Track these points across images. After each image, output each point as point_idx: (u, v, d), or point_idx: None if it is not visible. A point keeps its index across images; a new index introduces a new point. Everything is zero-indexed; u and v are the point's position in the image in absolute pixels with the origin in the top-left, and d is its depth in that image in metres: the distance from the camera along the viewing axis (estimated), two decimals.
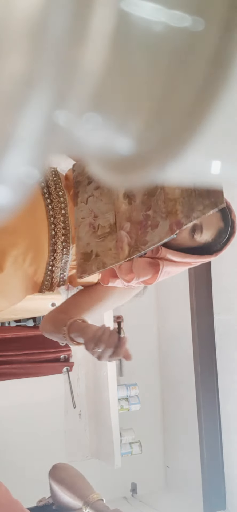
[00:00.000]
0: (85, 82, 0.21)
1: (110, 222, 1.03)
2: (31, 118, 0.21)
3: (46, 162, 0.24)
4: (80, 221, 1.09)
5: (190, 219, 0.88)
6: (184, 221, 0.89)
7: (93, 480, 3.07)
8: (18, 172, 0.23)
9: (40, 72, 0.20)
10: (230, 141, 0.25)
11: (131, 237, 0.98)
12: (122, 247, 0.99)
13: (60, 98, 0.21)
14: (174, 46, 0.21)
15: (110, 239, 1.02)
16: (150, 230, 0.95)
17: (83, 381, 3.08)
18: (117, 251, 0.99)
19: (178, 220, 0.90)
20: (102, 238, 1.04)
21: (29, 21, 0.18)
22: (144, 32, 0.21)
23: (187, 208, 0.88)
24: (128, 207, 1.00)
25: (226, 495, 2.74)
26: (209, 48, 0.21)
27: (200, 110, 0.22)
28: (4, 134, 0.21)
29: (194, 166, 0.26)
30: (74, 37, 0.19)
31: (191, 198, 0.88)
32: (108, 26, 0.20)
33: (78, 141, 0.25)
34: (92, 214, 1.08)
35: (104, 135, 0.25)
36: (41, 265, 1.14)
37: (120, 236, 0.99)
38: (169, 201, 0.92)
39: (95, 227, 1.06)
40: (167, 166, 0.24)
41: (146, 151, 0.25)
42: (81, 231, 1.09)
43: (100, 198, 1.07)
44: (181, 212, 0.89)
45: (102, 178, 0.29)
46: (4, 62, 0.19)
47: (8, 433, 2.89)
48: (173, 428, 3.27)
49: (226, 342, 2.70)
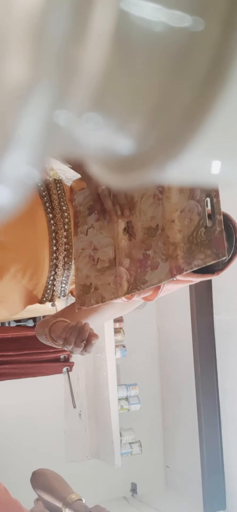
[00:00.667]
0: (85, 82, 0.21)
1: (109, 257, 1.02)
2: (32, 118, 0.21)
3: (46, 162, 0.24)
4: (80, 252, 1.08)
5: (191, 266, 0.87)
6: (185, 267, 0.88)
7: (93, 480, 3.07)
8: (18, 172, 0.23)
9: (40, 72, 0.20)
10: (230, 141, 0.25)
11: (131, 274, 0.97)
12: (121, 284, 0.98)
13: (60, 98, 0.21)
14: (174, 46, 0.21)
15: (109, 274, 1.01)
16: (150, 270, 0.94)
17: (83, 381, 3.08)
18: (116, 287, 0.99)
19: (178, 265, 0.89)
20: (101, 271, 1.03)
21: (29, 21, 0.18)
22: (144, 32, 0.21)
23: (188, 255, 0.87)
24: (128, 243, 0.99)
25: (226, 495, 2.74)
26: (209, 48, 0.21)
27: (200, 110, 0.22)
28: (5, 134, 0.21)
29: (194, 166, 0.26)
30: (74, 37, 0.19)
31: (193, 246, 0.87)
32: (108, 26, 0.20)
33: (78, 141, 0.25)
34: (92, 246, 1.07)
35: (104, 135, 0.25)
36: (41, 280, 1.13)
37: (119, 272, 0.99)
38: (169, 244, 0.91)
39: (95, 260, 1.05)
40: (167, 166, 0.24)
41: (146, 151, 0.25)
42: (81, 262, 1.08)
43: (100, 231, 1.06)
44: (182, 258, 0.88)
45: (102, 178, 0.29)
46: (4, 62, 0.19)
47: (8, 433, 2.89)
48: (173, 428, 3.27)
49: (226, 342, 2.70)
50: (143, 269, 0.95)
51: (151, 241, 0.95)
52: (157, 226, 0.94)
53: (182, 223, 0.89)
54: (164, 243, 0.92)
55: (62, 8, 0.19)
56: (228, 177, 0.28)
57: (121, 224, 1.01)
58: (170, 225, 0.91)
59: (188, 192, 0.89)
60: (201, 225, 0.86)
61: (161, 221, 0.93)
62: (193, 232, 0.87)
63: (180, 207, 0.90)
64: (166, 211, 0.93)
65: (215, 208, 0.85)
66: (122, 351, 2.94)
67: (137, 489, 3.25)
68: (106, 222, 1.04)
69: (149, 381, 3.29)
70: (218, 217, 0.84)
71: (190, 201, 0.89)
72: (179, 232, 0.90)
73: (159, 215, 0.94)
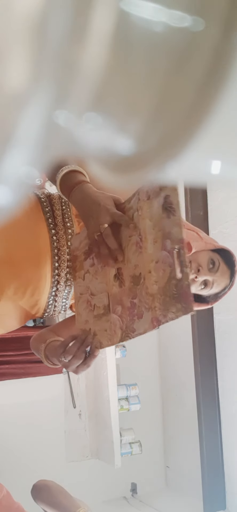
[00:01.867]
0: (85, 82, 0.21)
1: (104, 303, 1.02)
2: (32, 118, 0.21)
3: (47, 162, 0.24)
4: (79, 296, 1.08)
5: (166, 319, 0.86)
6: (162, 319, 0.87)
7: (93, 480, 3.07)
8: (18, 172, 0.23)
9: (40, 72, 0.20)
10: (230, 141, 0.25)
11: (123, 321, 0.97)
12: (115, 331, 0.98)
13: (60, 98, 0.21)
14: (174, 46, 0.21)
15: (105, 320, 1.01)
16: (137, 319, 0.94)
17: (83, 381, 3.08)
18: (112, 334, 0.98)
19: (157, 317, 0.88)
20: (98, 317, 1.02)
21: (29, 21, 0.18)
22: (144, 32, 0.21)
23: (164, 307, 0.87)
24: (119, 290, 0.99)
25: (226, 495, 2.74)
26: (209, 48, 0.21)
27: (200, 110, 0.22)
28: (5, 134, 0.21)
29: (194, 166, 0.26)
30: (74, 37, 0.19)
31: (167, 298, 0.86)
32: (108, 26, 0.20)
33: (78, 141, 0.25)
34: (89, 291, 1.06)
35: (104, 135, 0.25)
36: (42, 297, 1.13)
37: (113, 319, 0.98)
38: (149, 295, 0.90)
39: (92, 305, 1.05)
40: (167, 166, 0.24)
41: (146, 151, 0.25)
42: (80, 307, 1.08)
43: (95, 276, 1.05)
44: (159, 310, 0.88)
45: (102, 178, 0.29)
46: (5, 62, 0.19)
47: (8, 433, 2.89)
48: (173, 428, 3.27)
49: (226, 342, 2.70)
50: (131, 317, 0.95)
51: (136, 290, 0.94)
52: (140, 274, 0.94)
53: (158, 274, 0.89)
54: (145, 292, 0.92)
55: (62, 8, 0.19)
56: (228, 177, 0.28)
57: (112, 270, 1.00)
58: (148, 276, 0.91)
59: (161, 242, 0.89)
60: (172, 277, 0.85)
61: (142, 270, 0.93)
62: (166, 284, 0.86)
63: (155, 258, 0.90)
64: (145, 261, 0.92)
65: (182, 260, 0.84)
66: (122, 351, 2.94)
67: (137, 489, 3.25)
68: (100, 268, 1.04)
69: (149, 381, 3.29)
70: (184, 269, 0.84)
71: (163, 251, 0.88)
72: (155, 283, 0.89)
73: (141, 264, 0.94)
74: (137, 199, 0.96)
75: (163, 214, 0.89)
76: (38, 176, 0.24)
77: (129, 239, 0.97)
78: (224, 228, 2.65)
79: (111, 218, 0.96)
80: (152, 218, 0.91)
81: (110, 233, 0.96)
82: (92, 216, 0.97)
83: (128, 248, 0.97)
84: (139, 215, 0.94)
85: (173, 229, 0.86)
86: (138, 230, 0.94)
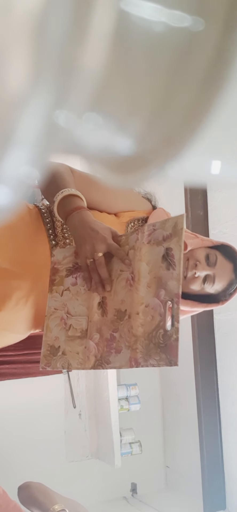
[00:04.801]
0: (85, 82, 0.21)
1: (82, 327, 1.00)
2: (32, 118, 0.21)
3: (46, 162, 0.24)
4: (52, 311, 1.06)
5: (147, 364, 0.87)
6: (142, 362, 0.88)
7: (93, 480, 3.07)
8: (18, 172, 0.23)
9: (40, 72, 0.20)
10: (230, 141, 0.25)
11: (98, 350, 0.96)
12: (89, 357, 0.97)
13: (60, 98, 0.21)
14: (174, 46, 0.21)
15: (79, 343, 1.00)
16: (114, 352, 0.93)
17: (83, 381, 3.08)
18: (84, 358, 0.98)
19: (136, 358, 0.88)
20: (71, 338, 1.01)
21: (29, 22, 0.18)
22: (144, 32, 0.21)
23: (146, 352, 0.87)
24: (100, 318, 0.98)
25: (226, 495, 2.74)
26: (209, 48, 0.21)
27: (200, 110, 0.22)
28: (5, 134, 0.21)
29: (194, 166, 0.26)
30: (74, 37, 0.19)
31: (151, 344, 0.87)
32: (108, 26, 0.20)
33: (78, 141, 0.25)
34: (65, 309, 1.04)
35: (104, 135, 0.25)
36: (44, 305, 1.12)
37: (89, 346, 0.97)
38: (132, 335, 0.90)
39: (67, 324, 1.03)
40: (167, 166, 0.24)
41: (146, 151, 0.25)
42: (52, 322, 1.05)
43: (76, 297, 1.04)
44: (141, 352, 0.88)
45: (102, 178, 0.29)
46: (5, 62, 0.19)
47: (8, 433, 2.89)
48: (173, 428, 3.27)
49: (226, 342, 2.70)
50: (108, 349, 0.95)
51: (118, 324, 0.94)
52: (125, 311, 0.94)
53: (145, 318, 0.89)
54: (128, 330, 0.92)
55: (62, 8, 0.19)
56: (228, 177, 0.28)
57: (97, 297, 1.00)
58: (135, 316, 0.91)
59: (155, 289, 0.90)
60: (161, 326, 0.87)
61: (129, 308, 0.93)
62: (153, 331, 0.87)
63: (145, 302, 0.90)
64: (133, 301, 0.93)
65: (174, 314, 0.85)
66: None
67: (137, 489, 3.25)
68: (82, 290, 1.03)
69: (149, 381, 3.29)
70: (176, 324, 0.85)
71: (155, 299, 0.89)
72: (141, 325, 0.89)
73: (128, 301, 0.94)
74: (135, 238, 0.97)
75: (162, 263, 0.90)
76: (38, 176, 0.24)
77: (120, 273, 0.98)
78: (224, 228, 2.65)
79: (107, 248, 0.98)
80: (150, 263, 0.92)
81: (103, 263, 0.97)
82: (88, 241, 0.98)
83: (117, 281, 0.98)
84: (136, 255, 0.95)
85: (170, 282, 0.87)
86: (131, 268, 0.95)
